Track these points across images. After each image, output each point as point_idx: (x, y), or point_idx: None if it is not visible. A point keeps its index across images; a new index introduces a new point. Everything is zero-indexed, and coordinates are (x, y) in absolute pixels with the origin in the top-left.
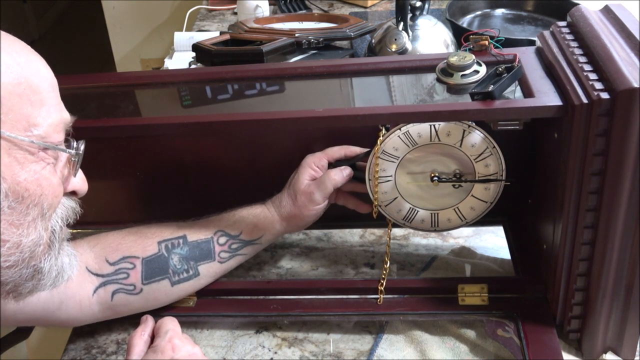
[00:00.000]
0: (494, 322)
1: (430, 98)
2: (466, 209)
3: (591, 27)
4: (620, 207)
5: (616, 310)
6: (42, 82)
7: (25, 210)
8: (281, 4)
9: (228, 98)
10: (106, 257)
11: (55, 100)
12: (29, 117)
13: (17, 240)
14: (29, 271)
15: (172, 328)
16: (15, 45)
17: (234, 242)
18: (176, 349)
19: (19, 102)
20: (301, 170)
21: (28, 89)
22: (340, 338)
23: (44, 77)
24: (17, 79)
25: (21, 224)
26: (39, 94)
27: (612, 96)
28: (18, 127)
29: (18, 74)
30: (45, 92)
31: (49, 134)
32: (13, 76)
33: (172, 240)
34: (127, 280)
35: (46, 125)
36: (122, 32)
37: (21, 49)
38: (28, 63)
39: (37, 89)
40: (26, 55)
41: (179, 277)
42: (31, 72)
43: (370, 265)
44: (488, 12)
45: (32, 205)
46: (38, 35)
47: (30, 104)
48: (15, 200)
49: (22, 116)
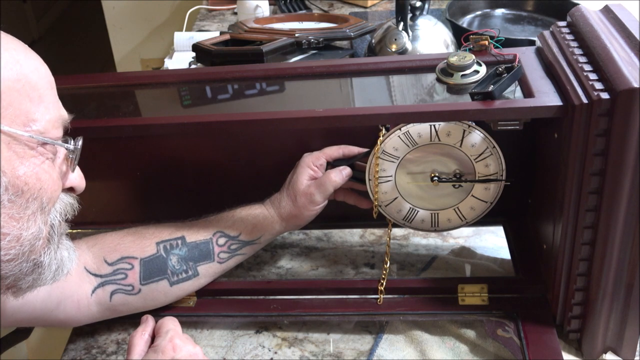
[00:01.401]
0: (494, 322)
1: (430, 98)
2: (466, 209)
3: (591, 27)
4: (620, 207)
5: (616, 310)
6: (40, 79)
7: (25, 203)
8: (281, 4)
9: (228, 98)
10: (104, 257)
11: (53, 97)
12: (28, 112)
13: (17, 234)
14: (29, 265)
15: (173, 328)
16: (14, 44)
17: (234, 243)
18: (177, 349)
19: (18, 98)
20: (300, 171)
21: (27, 85)
22: (340, 338)
23: (42, 74)
24: (17, 76)
25: (21, 218)
26: (38, 91)
27: (612, 96)
28: (17, 122)
29: (17, 70)
30: (44, 89)
31: (48, 129)
32: (12, 73)
33: (171, 241)
34: (125, 281)
35: (45, 121)
36: (122, 32)
37: (20, 47)
38: (27, 61)
39: (35, 85)
40: (25, 53)
41: (177, 277)
42: (30, 70)
43: (370, 265)
44: (488, 12)
45: (31, 199)
46: (38, 35)
47: (29, 99)
48: (15, 193)
49: (21, 111)
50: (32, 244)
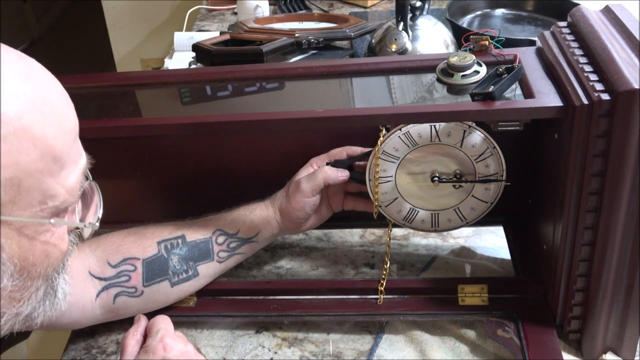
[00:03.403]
0: (494, 323)
1: (430, 98)
2: (466, 209)
3: (592, 28)
4: (620, 208)
5: (616, 311)
6: (65, 142)
7: (30, 282)
8: (281, 4)
9: (228, 98)
10: (107, 259)
11: (75, 153)
12: (47, 189)
13: (17, 312)
14: (21, 319)
15: (164, 327)
16: (47, 103)
17: (232, 241)
18: (168, 348)
19: (39, 179)
20: (302, 169)
21: (50, 160)
22: (340, 338)
23: (67, 131)
24: (41, 154)
25: (22, 297)
26: (61, 160)
27: (612, 97)
28: (33, 204)
29: (43, 147)
30: (67, 150)
31: (67, 199)
32: (37, 151)
33: (171, 240)
34: (128, 283)
35: (64, 192)
36: (122, 32)
37: (51, 103)
38: (53, 126)
39: (59, 154)
40: (54, 114)
41: (178, 277)
42: (55, 136)
43: (370, 265)
44: (488, 12)
45: (36, 276)
46: (38, 35)
47: (50, 174)
48: (20, 277)
49: (39, 191)
50: (29, 312)
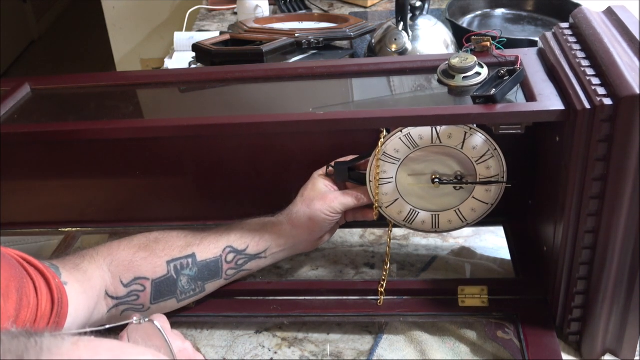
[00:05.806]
0: (494, 324)
1: (431, 100)
2: (467, 211)
3: (594, 30)
4: (621, 213)
5: (616, 314)
6: None
7: None
8: (281, 4)
9: (227, 99)
10: (120, 277)
11: None
12: None
13: None
14: None
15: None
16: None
17: (241, 258)
18: None
19: None
20: (313, 182)
21: None
22: (340, 338)
23: None
24: None
25: None
26: None
27: (614, 102)
28: None
29: None
30: None
31: None
32: None
33: (182, 260)
34: (137, 302)
35: None
36: (122, 32)
37: None
38: None
39: None
40: None
41: (185, 295)
42: None
43: (370, 266)
44: (488, 12)
45: None
46: (38, 35)
47: None
48: None
49: None
50: None
